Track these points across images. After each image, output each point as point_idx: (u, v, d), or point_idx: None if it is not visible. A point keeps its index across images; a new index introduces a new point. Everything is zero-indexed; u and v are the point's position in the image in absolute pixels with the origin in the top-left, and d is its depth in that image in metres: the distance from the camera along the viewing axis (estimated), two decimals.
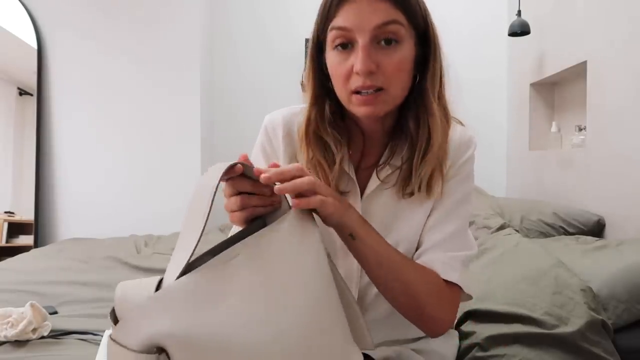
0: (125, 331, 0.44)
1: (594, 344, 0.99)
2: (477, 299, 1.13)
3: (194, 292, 0.47)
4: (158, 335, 0.44)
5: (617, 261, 1.27)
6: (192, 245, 0.49)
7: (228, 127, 2.96)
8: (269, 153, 0.81)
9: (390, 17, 0.66)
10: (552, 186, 2.34)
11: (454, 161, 0.76)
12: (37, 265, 1.68)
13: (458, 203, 0.76)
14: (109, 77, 2.61)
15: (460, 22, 2.93)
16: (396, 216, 0.76)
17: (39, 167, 2.57)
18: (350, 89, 0.69)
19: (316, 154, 0.74)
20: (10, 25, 2.58)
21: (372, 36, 0.67)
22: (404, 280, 0.68)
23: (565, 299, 1.08)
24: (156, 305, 0.45)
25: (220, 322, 0.47)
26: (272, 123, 0.81)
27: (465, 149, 0.77)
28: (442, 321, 0.72)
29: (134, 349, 0.43)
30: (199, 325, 0.45)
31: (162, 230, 2.48)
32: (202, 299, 0.47)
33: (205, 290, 0.47)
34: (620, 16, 1.79)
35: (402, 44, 0.69)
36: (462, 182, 0.77)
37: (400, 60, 0.68)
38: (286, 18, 2.92)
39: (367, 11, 0.66)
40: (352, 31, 0.67)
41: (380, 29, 0.66)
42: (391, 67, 0.68)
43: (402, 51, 0.68)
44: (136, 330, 0.44)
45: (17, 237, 2.66)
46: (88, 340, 1.02)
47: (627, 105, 1.75)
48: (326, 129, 0.75)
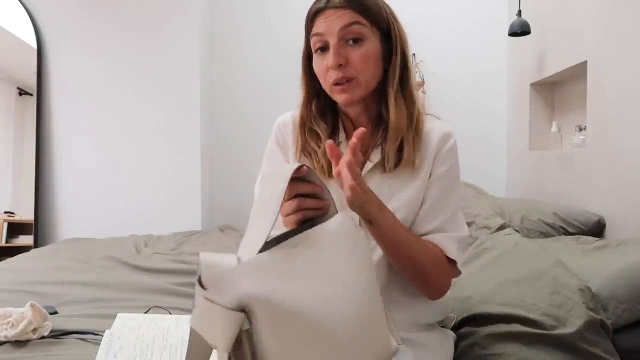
0: (219, 292, 0.51)
1: (593, 344, 0.99)
2: (477, 299, 1.13)
3: (275, 264, 0.55)
4: (246, 296, 0.51)
5: (618, 261, 1.27)
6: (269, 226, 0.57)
7: (228, 127, 2.96)
8: (281, 143, 0.98)
9: (352, 20, 0.83)
10: (552, 186, 2.34)
11: (438, 151, 0.89)
12: (37, 265, 1.68)
13: (447, 191, 0.89)
14: (109, 77, 2.61)
15: (460, 21, 2.94)
16: (389, 193, 0.88)
17: (39, 167, 2.58)
18: (330, 82, 0.86)
19: (310, 142, 0.91)
20: (10, 25, 2.58)
21: (340, 37, 0.83)
22: (415, 256, 0.82)
23: (564, 299, 1.08)
24: (245, 270, 0.53)
25: (295, 291, 0.55)
26: (283, 120, 0.99)
27: (447, 140, 0.90)
28: (442, 287, 0.88)
29: (227, 306, 0.50)
30: (279, 291, 0.53)
31: (162, 230, 2.48)
32: (281, 271, 0.56)
33: (282, 266, 0.56)
34: (620, 16, 1.79)
35: (366, 41, 0.84)
36: (449, 172, 0.90)
37: (365, 54, 0.84)
38: (288, 17, 2.92)
39: (333, 18, 0.83)
40: (325, 35, 0.84)
41: (345, 29, 0.83)
42: (357, 59, 0.83)
43: (366, 46, 0.84)
44: (228, 291, 0.51)
45: (17, 237, 2.66)
46: (88, 340, 1.02)
47: (627, 105, 1.75)
48: (317, 122, 0.92)
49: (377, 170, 0.89)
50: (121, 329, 1.05)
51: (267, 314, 0.52)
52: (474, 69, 2.94)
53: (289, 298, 0.54)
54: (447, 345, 0.95)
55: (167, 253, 1.91)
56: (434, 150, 0.89)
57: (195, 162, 2.65)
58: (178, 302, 1.30)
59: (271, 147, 1.00)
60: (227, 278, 0.52)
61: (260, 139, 3.35)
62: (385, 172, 0.88)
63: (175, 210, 2.62)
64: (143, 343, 0.96)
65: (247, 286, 0.51)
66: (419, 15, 2.86)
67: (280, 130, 0.98)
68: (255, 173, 1.05)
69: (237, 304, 0.51)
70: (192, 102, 2.64)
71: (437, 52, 2.84)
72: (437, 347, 0.91)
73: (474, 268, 1.35)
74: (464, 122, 2.64)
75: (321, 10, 0.84)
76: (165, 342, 0.98)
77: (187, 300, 1.33)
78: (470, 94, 2.93)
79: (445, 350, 0.93)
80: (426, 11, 2.90)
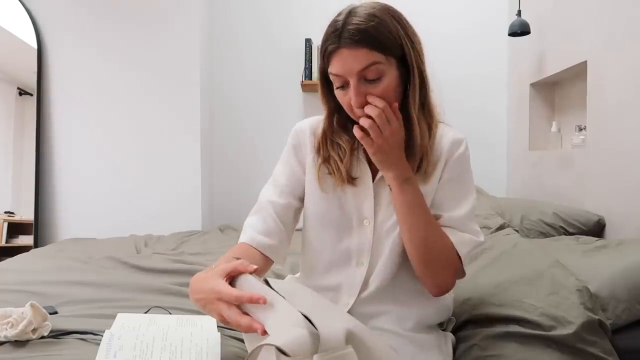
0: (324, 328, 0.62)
1: (591, 344, 0.99)
2: (475, 301, 1.13)
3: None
4: (339, 331, 0.63)
5: (617, 261, 1.27)
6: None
7: (228, 127, 2.96)
8: (297, 149, 1.01)
9: (369, 61, 0.82)
10: (552, 186, 2.34)
11: (449, 157, 0.92)
12: (37, 265, 1.67)
13: (465, 193, 0.93)
14: (109, 77, 2.61)
15: (460, 22, 2.94)
16: None
17: (39, 167, 2.58)
18: (355, 115, 0.87)
19: (331, 153, 0.95)
20: (10, 25, 2.58)
21: (359, 77, 0.83)
22: (429, 236, 0.87)
23: (562, 300, 1.08)
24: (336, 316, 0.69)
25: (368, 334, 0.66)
26: (301, 127, 1.02)
27: (458, 146, 0.93)
28: (447, 281, 0.92)
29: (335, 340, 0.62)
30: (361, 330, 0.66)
31: (162, 230, 2.49)
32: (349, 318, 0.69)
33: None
34: (620, 16, 1.79)
35: (385, 76, 0.84)
36: (464, 175, 0.93)
37: (385, 89, 0.84)
38: (287, 18, 2.92)
39: (349, 60, 0.82)
40: (343, 76, 0.84)
41: (363, 71, 0.82)
42: (378, 95, 0.84)
43: (385, 81, 0.84)
44: (328, 329, 0.62)
45: (17, 237, 2.66)
46: (88, 340, 1.02)
47: (627, 105, 1.75)
48: (339, 134, 0.95)
49: None
50: (121, 329, 1.05)
51: (363, 351, 0.63)
52: (474, 69, 2.94)
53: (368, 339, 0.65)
54: (446, 347, 0.96)
55: (167, 253, 1.91)
56: (444, 157, 0.92)
57: (195, 162, 2.65)
58: (178, 302, 1.30)
59: (287, 152, 1.03)
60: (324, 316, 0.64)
61: (260, 139, 3.36)
62: None
63: (175, 210, 2.62)
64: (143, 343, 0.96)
65: (341, 322, 0.64)
66: (419, 15, 2.84)
67: (298, 136, 1.01)
68: (255, 173, 1.06)
69: (340, 339, 0.62)
70: (192, 102, 2.64)
71: (436, 53, 2.82)
72: (436, 349, 0.92)
73: (473, 269, 1.35)
74: (463, 122, 2.61)
75: (335, 50, 0.83)
76: (165, 342, 0.98)
77: (187, 300, 1.33)
78: (470, 94, 2.93)
79: (444, 352, 0.94)
80: (426, 11, 2.90)
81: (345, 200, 0.94)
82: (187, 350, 0.95)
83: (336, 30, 0.83)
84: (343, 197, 0.94)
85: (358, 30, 0.81)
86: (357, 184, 0.94)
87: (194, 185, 2.65)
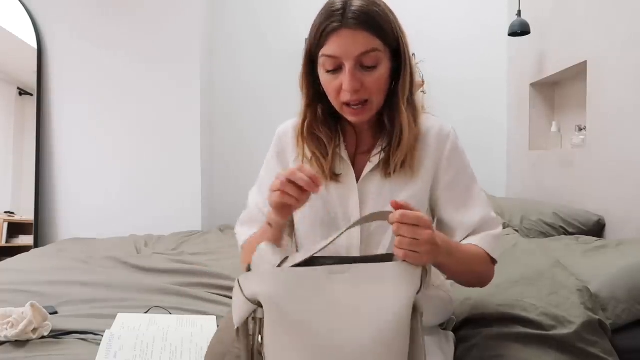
0: (246, 282, 0.66)
1: (591, 344, 0.99)
2: (476, 301, 1.13)
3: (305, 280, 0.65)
4: (260, 293, 0.63)
5: (617, 261, 1.27)
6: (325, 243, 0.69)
7: (228, 127, 2.96)
8: (280, 153, 1.00)
9: (370, 47, 0.81)
10: (552, 186, 2.34)
11: (440, 155, 0.91)
12: (37, 265, 1.68)
13: (467, 190, 0.92)
14: (109, 78, 2.61)
15: (460, 22, 2.94)
16: (389, 193, 0.90)
17: (39, 167, 2.58)
18: (342, 101, 0.85)
19: (311, 148, 0.92)
20: (10, 25, 2.58)
21: (356, 62, 0.81)
22: (472, 268, 0.88)
23: (562, 300, 1.08)
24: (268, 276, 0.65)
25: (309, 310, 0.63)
26: (284, 129, 1.00)
27: (445, 141, 0.92)
28: (489, 279, 0.94)
29: (245, 294, 0.65)
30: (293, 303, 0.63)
31: (162, 230, 2.48)
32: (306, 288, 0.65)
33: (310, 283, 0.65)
34: (620, 16, 1.79)
35: (380, 65, 0.83)
36: (461, 171, 0.92)
37: (379, 78, 0.84)
38: (286, 18, 2.92)
39: (350, 41, 0.80)
40: (340, 58, 0.81)
41: (362, 56, 0.81)
42: (372, 84, 0.83)
43: (380, 70, 0.83)
44: (250, 285, 0.65)
45: (17, 237, 2.66)
46: (88, 340, 1.02)
47: (627, 105, 1.75)
48: (319, 127, 0.91)
49: (377, 171, 0.91)
50: (121, 329, 1.05)
51: (272, 316, 0.62)
52: (474, 69, 2.93)
53: (299, 312, 0.62)
54: (448, 347, 0.95)
55: (167, 253, 1.91)
56: (434, 152, 0.91)
57: (195, 162, 2.65)
58: (178, 302, 1.30)
59: (270, 156, 1.01)
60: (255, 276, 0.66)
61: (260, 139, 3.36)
62: (386, 174, 0.90)
63: (176, 210, 2.62)
64: (143, 343, 0.96)
65: (267, 286, 0.64)
66: (419, 15, 2.86)
67: (281, 139, 0.99)
68: (255, 173, 1.05)
69: (254, 296, 0.64)
70: (192, 102, 2.64)
71: (436, 53, 2.83)
72: (437, 349, 0.91)
73: None
74: (463, 122, 2.63)
75: (336, 29, 0.80)
76: (165, 342, 0.98)
77: (187, 300, 1.33)
78: (470, 94, 2.93)
79: (445, 352, 0.93)
80: (426, 11, 2.90)
81: (330, 200, 0.92)
82: (187, 350, 0.95)
83: (338, 10, 0.80)
84: (327, 197, 0.92)
85: (362, 12, 0.79)
86: (341, 181, 0.91)
87: (194, 185, 2.65)
